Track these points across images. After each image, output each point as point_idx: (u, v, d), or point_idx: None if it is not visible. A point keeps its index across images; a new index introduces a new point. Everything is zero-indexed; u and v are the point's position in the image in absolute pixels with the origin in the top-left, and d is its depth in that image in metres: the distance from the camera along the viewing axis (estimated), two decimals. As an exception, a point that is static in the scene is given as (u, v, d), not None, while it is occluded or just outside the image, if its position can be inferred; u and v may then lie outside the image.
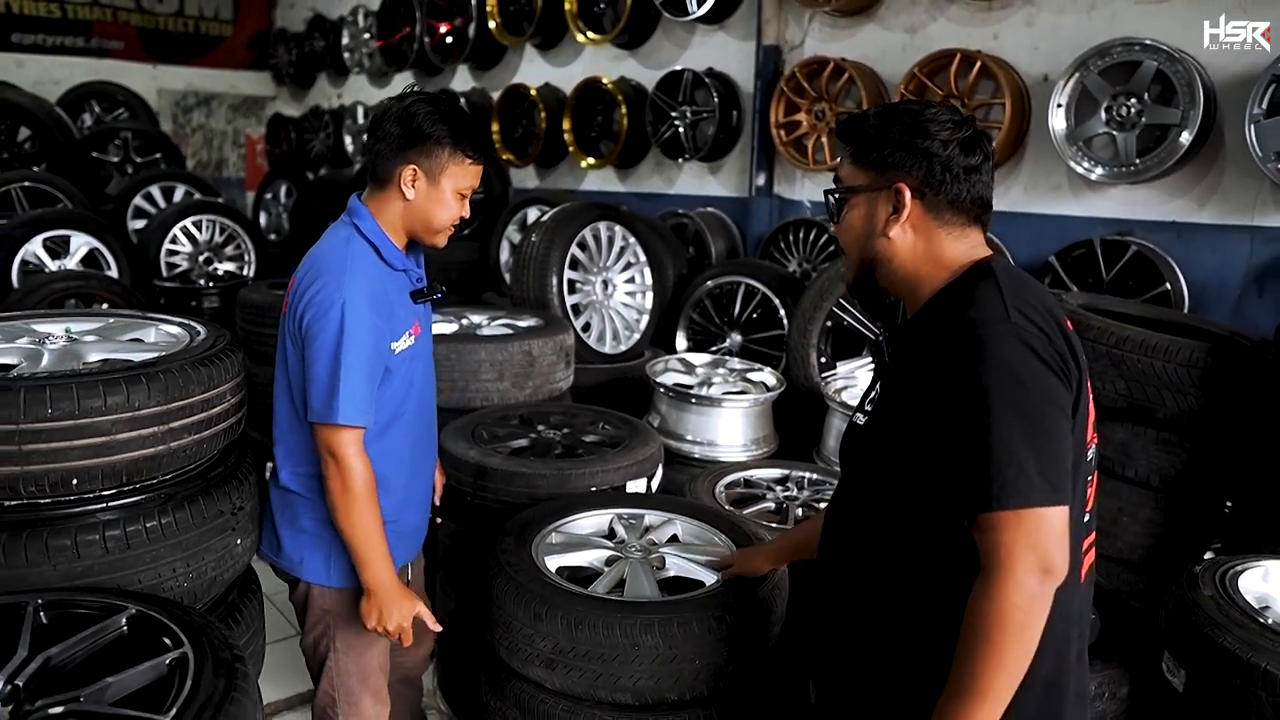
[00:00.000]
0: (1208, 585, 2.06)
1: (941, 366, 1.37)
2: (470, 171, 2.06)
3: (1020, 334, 1.32)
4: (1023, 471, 1.26)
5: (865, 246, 1.56)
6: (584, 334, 4.69)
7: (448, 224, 2.09)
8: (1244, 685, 1.80)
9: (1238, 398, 3.02)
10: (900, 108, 1.54)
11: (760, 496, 3.22)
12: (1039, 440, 1.28)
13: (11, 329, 2.31)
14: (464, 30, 7.78)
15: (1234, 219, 4.12)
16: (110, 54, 10.22)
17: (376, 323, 1.97)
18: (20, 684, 1.55)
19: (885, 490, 1.50)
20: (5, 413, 1.80)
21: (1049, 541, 1.26)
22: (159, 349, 2.23)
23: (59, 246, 5.82)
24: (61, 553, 1.88)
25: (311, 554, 2.14)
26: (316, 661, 2.20)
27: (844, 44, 5.50)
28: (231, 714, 1.49)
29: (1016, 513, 1.25)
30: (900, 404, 1.48)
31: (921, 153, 1.47)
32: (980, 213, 1.52)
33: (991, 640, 1.25)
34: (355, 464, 1.95)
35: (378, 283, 2.00)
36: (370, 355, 1.95)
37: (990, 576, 1.27)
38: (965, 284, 1.46)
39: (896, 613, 1.48)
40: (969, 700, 1.27)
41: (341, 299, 1.91)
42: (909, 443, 1.43)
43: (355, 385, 1.92)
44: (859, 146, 1.55)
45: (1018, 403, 1.29)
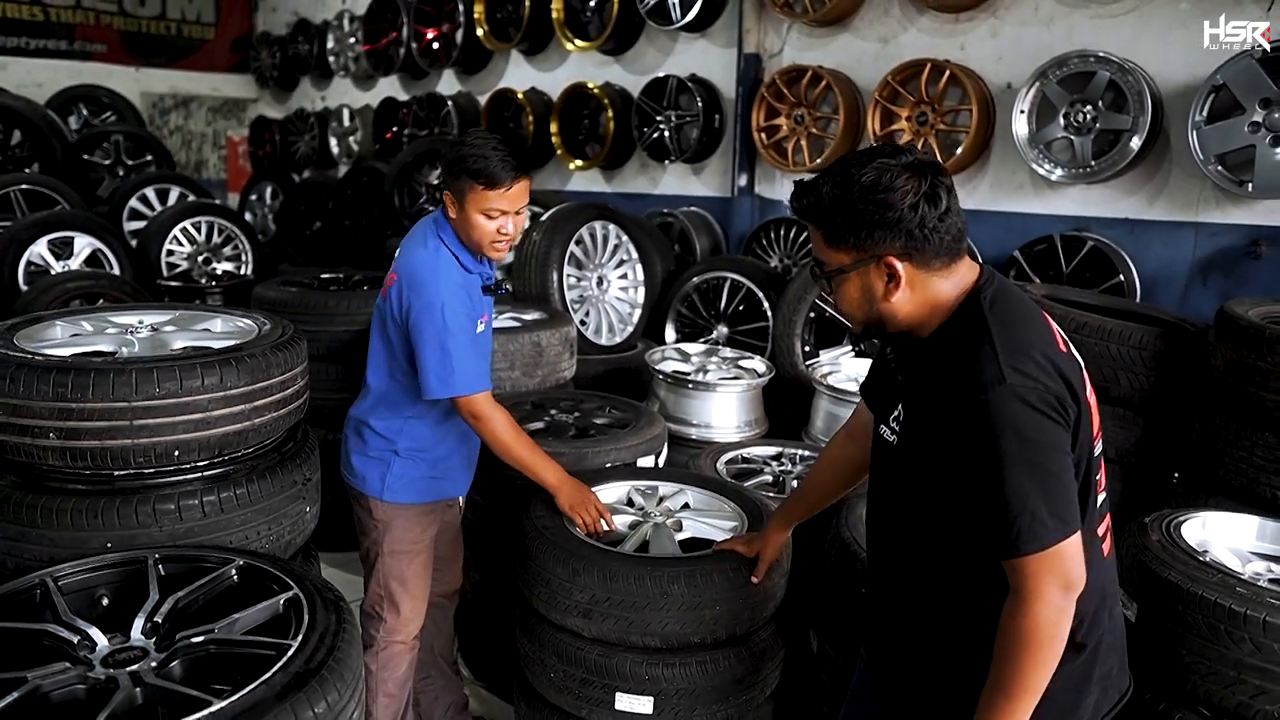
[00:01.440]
0: (1155, 532, 2.40)
1: (954, 429, 1.51)
2: (487, 196, 2.40)
3: (1017, 393, 1.45)
4: (1035, 518, 1.44)
5: (869, 313, 1.63)
6: (582, 326, 4.98)
7: (485, 241, 2.47)
8: (1184, 610, 2.13)
9: (1183, 377, 3.38)
10: (855, 178, 1.53)
11: (758, 471, 3.54)
12: (1047, 484, 1.45)
13: (95, 321, 2.55)
14: (451, 36, 8.00)
15: (1180, 216, 4.50)
16: (93, 57, 10.30)
17: (466, 315, 2.44)
18: (158, 620, 1.82)
19: (922, 510, 1.67)
20: (120, 391, 2.06)
21: (1067, 567, 1.46)
22: (234, 337, 2.50)
23: (61, 248, 5.99)
24: (167, 516, 2.15)
25: (372, 473, 2.59)
26: (368, 566, 2.66)
27: (821, 52, 5.83)
28: (344, 639, 1.76)
29: (1037, 555, 1.45)
30: (924, 442, 1.61)
31: (895, 224, 1.51)
32: (959, 245, 1.58)
33: (1029, 649, 1.47)
34: (494, 413, 2.47)
35: (462, 284, 2.46)
36: (470, 338, 2.45)
37: (1020, 600, 1.48)
38: (963, 331, 1.56)
39: (941, 604, 1.68)
40: (1011, 698, 1.49)
41: (441, 301, 2.39)
42: (937, 481, 1.59)
43: (467, 360, 2.41)
44: (829, 231, 1.58)
45: (1024, 456, 1.44)
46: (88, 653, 1.72)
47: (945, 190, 1.54)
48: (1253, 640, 2.03)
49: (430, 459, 2.62)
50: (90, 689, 1.63)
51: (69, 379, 2.05)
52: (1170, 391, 3.40)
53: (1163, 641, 2.20)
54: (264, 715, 1.48)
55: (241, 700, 1.50)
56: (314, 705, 1.55)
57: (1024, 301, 1.63)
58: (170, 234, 6.56)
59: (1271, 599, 2.09)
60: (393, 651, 2.68)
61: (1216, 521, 2.58)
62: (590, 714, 2.50)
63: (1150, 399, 3.43)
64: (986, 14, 5.09)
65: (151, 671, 1.67)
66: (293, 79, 10.68)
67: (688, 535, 2.73)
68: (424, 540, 2.67)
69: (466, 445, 2.74)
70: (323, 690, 1.58)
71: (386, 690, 2.69)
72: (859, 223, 1.53)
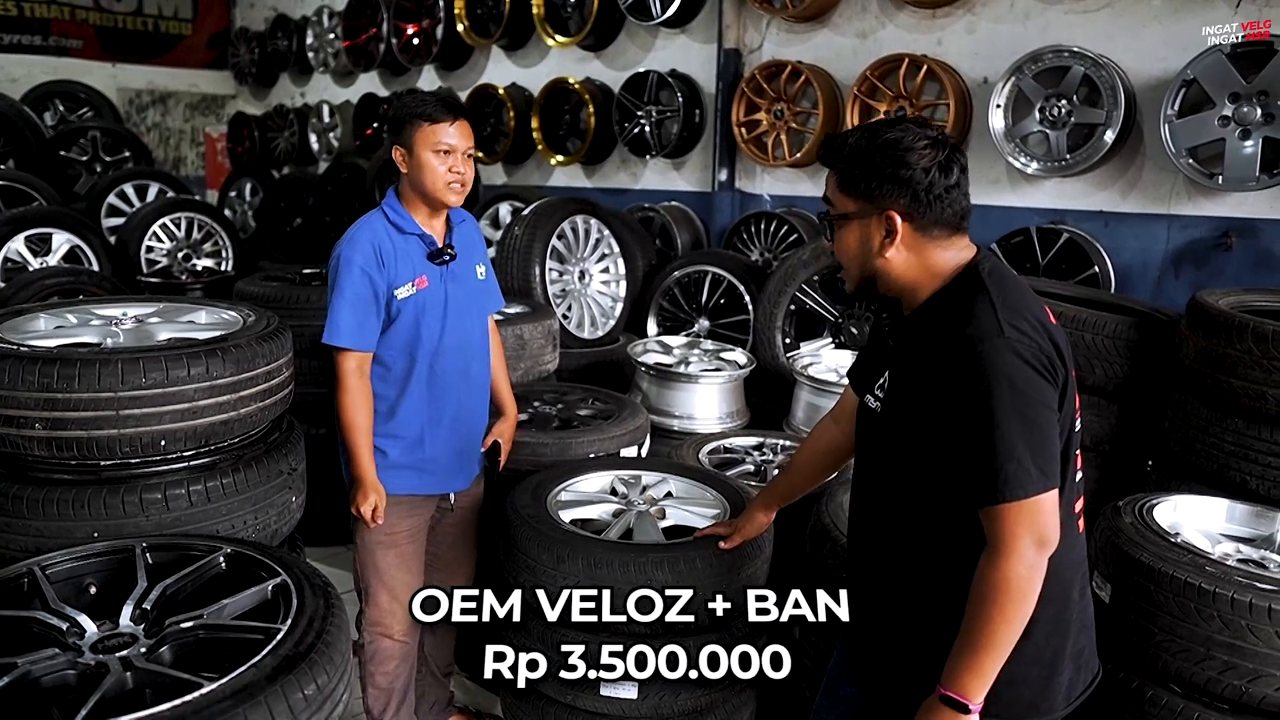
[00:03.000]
0: (1128, 514, 2.45)
1: (947, 377, 1.55)
2: (435, 129, 2.45)
3: (1013, 346, 1.50)
4: (1021, 466, 1.48)
5: (863, 264, 1.68)
6: (564, 320, 5.01)
7: (437, 183, 2.48)
8: (1156, 590, 2.19)
9: (1156, 366, 3.44)
10: (880, 134, 1.62)
11: (740, 460, 3.58)
12: (1034, 436, 1.50)
13: (79, 313, 2.56)
14: (431, 32, 7.98)
15: (1153, 208, 4.57)
16: (69, 52, 10.19)
17: (367, 270, 2.44)
18: (147, 607, 1.83)
19: (904, 472, 1.70)
20: (106, 382, 2.07)
21: (1044, 521, 1.50)
22: (219, 328, 2.51)
23: (39, 244, 5.95)
24: (153, 506, 2.17)
25: (345, 461, 2.58)
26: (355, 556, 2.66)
27: (800, 48, 5.87)
28: (332, 624, 1.78)
29: (1018, 503, 1.49)
30: (911, 400, 1.65)
31: (905, 181, 1.58)
32: (962, 221, 1.64)
33: (999, 604, 1.50)
34: (347, 380, 2.45)
35: (377, 240, 2.48)
36: (362, 294, 2.44)
37: (995, 553, 1.51)
38: (960, 292, 1.61)
39: (919, 571, 1.71)
40: (980, 651, 1.52)
41: (338, 253, 2.46)
42: (921, 436, 1.62)
43: (341, 313, 2.41)
44: (844, 175, 1.65)
45: (1015, 407, 1.49)
46: (77, 639, 1.74)
47: (959, 167, 1.62)
48: (1221, 617, 2.09)
49: (403, 446, 2.59)
50: (80, 674, 1.64)
51: (54, 370, 2.06)
52: (1144, 380, 3.47)
53: (1135, 620, 2.26)
54: (254, 697, 1.50)
55: (232, 682, 1.52)
56: (303, 687, 1.57)
57: (1019, 278, 1.70)
58: (150, 230, 6.54)
59: (1239, 578, 2.15)
60: (377, 645, 2.66)
61: (1187, 504, 2.65)
62: (576, 700, 2.53)
63: (1125, 387, 3.49)
64: (963, 9, 5.15)
65: (141, 656, 1.68)
66: (272, 75, 10.61)
67: (671, 523, 2.76)
68: (399, 533, 2.63)
69: (454, 439, 2.69)
70: (312, 673, 1.60)
71: (375, 683, 2.69)
72: (872, 172, 1.60)
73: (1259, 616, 2.05)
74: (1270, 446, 2.89)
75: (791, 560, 2.86)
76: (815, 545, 2.72)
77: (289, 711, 1.52)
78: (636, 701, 2.49)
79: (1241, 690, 2.10)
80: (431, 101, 2.48)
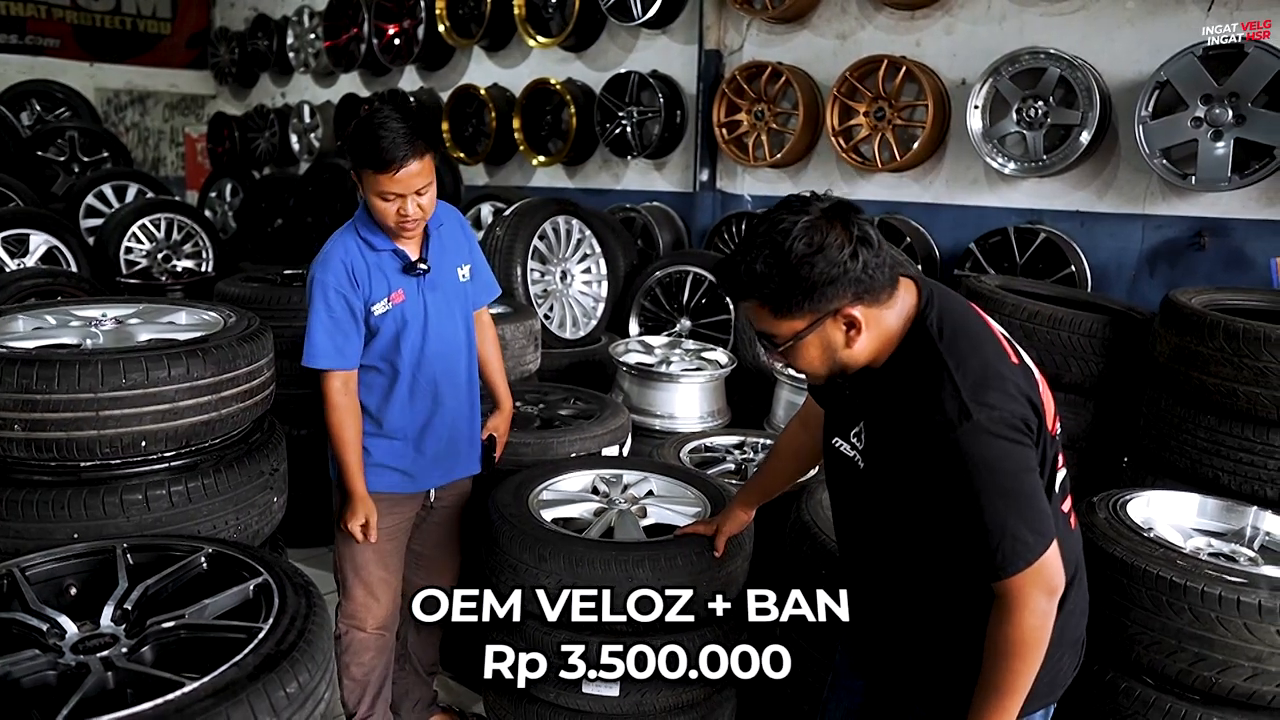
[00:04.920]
0: (1102, 510, 2.49)
1: (924, 464, 1.54)
2: (378, 180, 2.33)
3: (983, 427, 1.48)
4: (1016, 539, 1.49)
5: (831, 365, 1.61)
6: (546, 320, 5.02)
7: (385, 220, 2.42)
8: (1129, 584, 2.22)
9: (1131, 364, 3.49)
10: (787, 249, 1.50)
11: (721, 459, 3.60)
12: (1022, 507, 1.50)
13: (58, 315, 2.55)
14: (412, 32, 7.97)
15: (1128, 208, 4.63)
16: (45, 51, 10.11)
17: (341, 292, 2.42)
18: (128, 608, 1.83)
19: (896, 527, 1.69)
20: (86, 383, 2.07)
21: (1050, 575, 1.53)
22: (199, 329, 2.51)
23: (16, 245, 5.90)
24: (134, 506, 2.17)
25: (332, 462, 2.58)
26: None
27: (780, 49, 5.90)
28: (314, 623, 1.78)
29: (1021, 574, 1.50)
30: (892, 469, 1.63)
31: (842, 279, 1.50)
32: (896, 271, 1.59)
33: (1019, 655, 1.54)
34: (333, 399, 2.44)
35: (349, 259, 2.45)
36: (335, 314, 2.42)
37: (1008, 610, 1.53)
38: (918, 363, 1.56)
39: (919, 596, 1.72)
40: (1004, 698, 1.55)
41: (312, 274, 2.43)
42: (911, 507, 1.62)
43: (317, 336, 2.40)
44: (776, 304, 1.54)
45: (997, 486, 1.49)
46: (57, 640, 1.73)
47: (870, 226, 1.55)
48: (1192, 610, 2.13)
49: (388, 448, 2.59)
50: (61, 674, 1.64)
51: (34, 371, 2.06)
52: (1119, 377, 3.51)
53: (1109, 614, 2.29)
54: (236, 695, 1.51)
55: (213, 681, 1.52)
56: (285, 685, 1.58)
57: (967, 316, 1.64)
58: (129, 231, 6.48)
59: (1209, 571, 2.19)
60: (352, 637, 2.68)
61: (1160, 500, 2.69)
62: (558, 698, 2.54)
63: (1100, 385, 3.54)
64: (941, 11, 5.20)
65: (123, 656, 1.68)
66: (252, 75, 10.56)
67: (652, 521, 2.78)
68: (380, 530, 2.60)
69: (440, 441, 2.68)
70: (294, 671, 1.61)
71: (350, 674, 2.70)
72: (806, 288, 1.51)
73: (1228, 609, 2.09)
74: (1241, 442, 2.94)
75: (772, 557, 2.88)
76: (795, 542, 2.75)
77: (271, 710, 1.53)
78: (618, 699, 2.50)
79: (1211, 681, 2.13)
80: (385, 139, 2.29)
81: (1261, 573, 2.24)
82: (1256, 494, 2.88)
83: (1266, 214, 4.24)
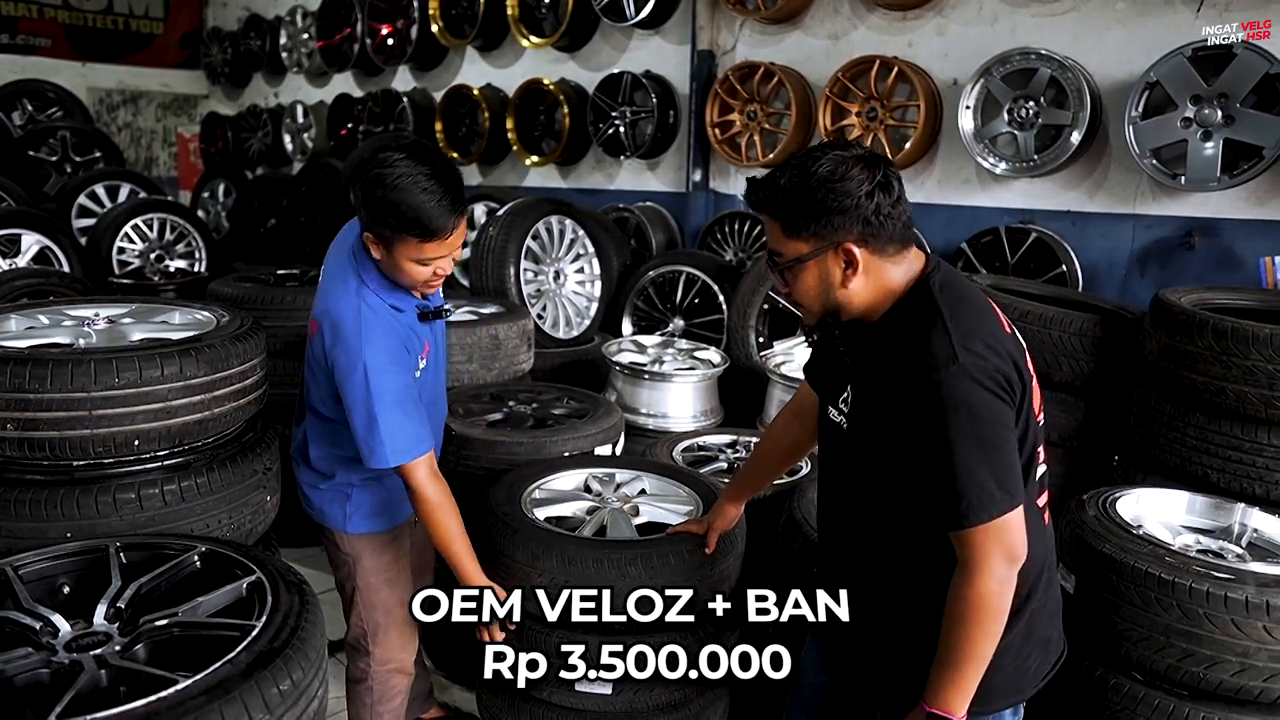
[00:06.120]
0: (1092, 508, 2.51)
1: (905, 405, 1.56)
2: (422, 248, 2.09)
3: (968, 371, 1.51)
4: (984, 490, 1.51)
5: (825, 300, 1.66)
6: (539, 320, 5.02)
7: (416, 283, 2.18)
8: (1119, 580, 2.24)
9: (1121, 363, 3.51)
10: (812, 170, 1.57)
11: (714, 458, 3.61)
12: (995, 459, 1.52)
13: (51, 314, 2.55)
14: (405, 32, 7.97)
15: (1119, 208, 4.66)
16: (37, 51, 10.08)
17: (397, 372, 2.17)
18: (121, 606, 1.84)
19: (873, 490, 1.73)
20: (79, 382, 2.07)
21: (1012, 538, 1.54)
22: (192, 328, 2.51)
23: (8, 245, 5.88)
24: (127, 505, 2.17)
25: (331, 506, 2.42)
26: (346, 599, 2.52)
27: (773, 49, 5.92)
28: (308, 622, 1.79)
29: (984, 525, 1.52)
30: (875, 423, 1.66)
31: (853, 211, 1.56)
32: (908, 232, 1.64)
33: (976, 620, 1.54)
34: (425, 489, 2.17)
35: (391, 332, 2.18)
36: (400, 398, 2.15)
37: (968, 572, 1.55)
38: (915, 313, 1.61)
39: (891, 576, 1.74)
40: (960, 666, 1.56)
41: (363, 361, 2.10)
42: (887, 459, 1.65)
43: (394, 429, 2.11)
44: (788, 220, 1.61)
45: (973, 432, 1.51)
46: (50, 638, 1.74)
47: (896, 180, 1.61)
48: (1180, 606, 2.15)
49: (391, 482, 2.41)
50: (54, 672, 1.65)
51: (26, 370, 2.06)
52: (1110, 376, 3.53)
53: (1099, 611, 2.31)
54: (230, 692, 1.51)
55: (207, 678, 1.53)
56: (279, 683, 1.59)
57: (970, 287, 1.69)
58: (121, 231, 6.47)
59: (1198, 568, 2.21)
60: (391, 683, 2.57)
61: (1150, 497, 2.71)
62: (551, 696, 2.55)
63: (1091, 384, 3.56)
64: (933, 12, 5.21)
65: (116, 654, 1.69)
66: (245, 75, 10.55)
67: (644, 520, 2.79)
68: (399, 564, 2.54)
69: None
70: (287, 668, 1.62)
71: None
72: (818, 211, 1.57)
73: (1215, 605, 2.11)
74: (1230, 440, 2.96)
75: (764, 555, 2.89)
76: (787, 539, 2.76)
77: (264, 707, 1.54)
78: (611, 697, 2.51)
79: (1199, 676, 2.15)
80: (429, 203, 2.02)
81: (1249, 569, 2.26)
82: (1244, 491, 2.90)
83: (1255, 214, 4.27)
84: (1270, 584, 2.15)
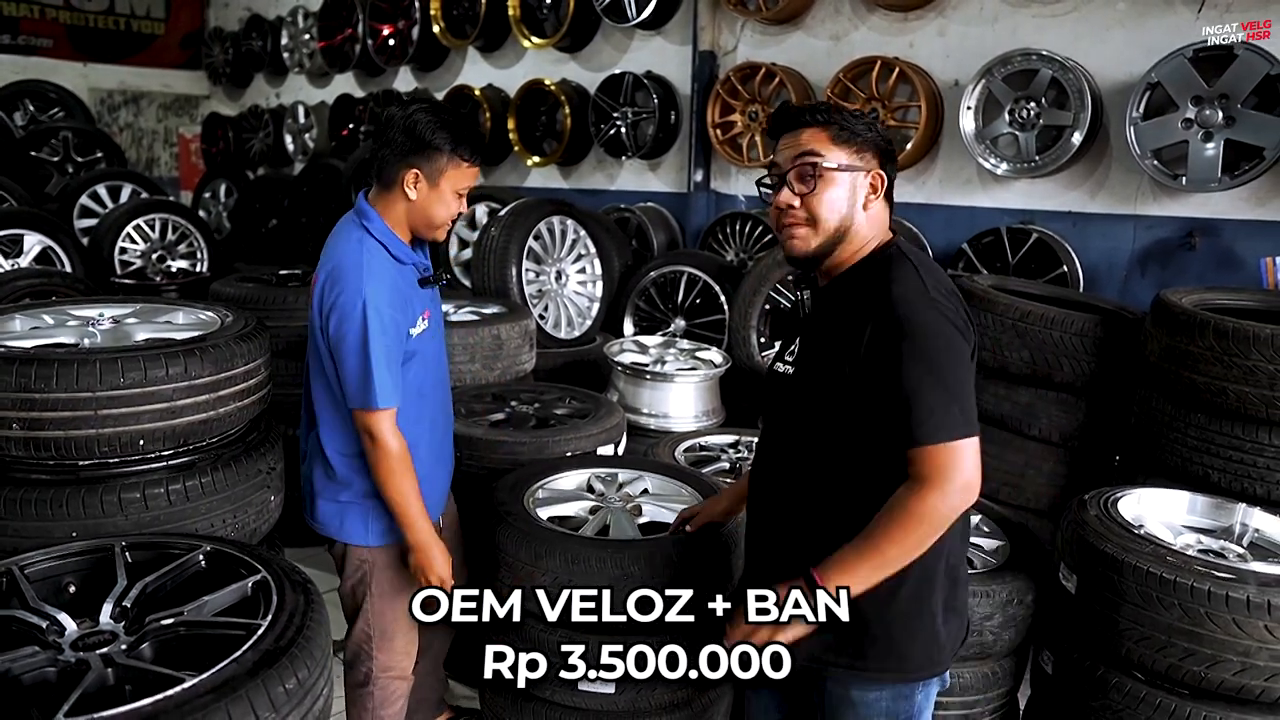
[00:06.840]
0: (1093, 507, 2.52)
1: (873, 331, 1.62)
2: (468, 173, 2.25)
3: (937, 306, 1.61)
4: (949, 411, 1.56)
5: (844, 217, 1.73)
6: (541, 321, 5.03)
7: (446, 220, 2.27)
8: (1120, 580, 2.25)
9: (1123, 363, 3.52)
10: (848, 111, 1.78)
11: (715, 458, 3.62)
12: (956, 387, 1.59)
13: (55, 314, 2.56)
14: (407, 33, 7.98)
15: (1120, 209, 4.66)
16: (38, 51, 10.09)
17: (395, 316, 2.18)
18: (127, 605, 1.85)
19: (814, 424, 1.75)
20: (84, 382, 2.08)
21: (970, 465, 1.57)
22: (196, 328, 2.52)
23: (10, 246, 5.89)
24: (132, 505, 2.17)
25: (352, 520, 2.35)
26: (353, 605, 2.47)
27: (774, 50, 5.93)
28: (313, 621, 1.80)
29: (946, 444, 1.55)
30: (829, 356, 1.71)
31: (884, 146, 1.75)
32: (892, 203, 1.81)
33: (908, 527, 1.57)
34: (391, 441, 2.18)
35: (391, 279, 2.19)
36: (392, 345, 2.17)
37: (923, 486, 1.56)
38: (883, 260, 1.72)
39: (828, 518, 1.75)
40: (864, 556, 1.59)
41: (362, 299, 2.11)
42: (839, 388, 1.68)
43: (383, 374, 2.13)
44: (840, 129, 1.72)
45: (940, 358, 1.58)
46: (57, 637, 1.74)
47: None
48: (1181, 606, 2.15)
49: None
50: (61, 671, 1.65)
51: (32, 370, 2.07)
52: (1111, 376, 3.54)
53: (1100, 610, 2.32)
54: (236, 691, 1.52)
55: (213, 677, 1.53)
56: (284, 681, 1.59)
57: (936, 266, 1.80)
58: (123, 231, 6.48)
59: (1199, 567, 2.21)
60: (392, 688, 2.53)
61: (1151, 497, 2.72)
62: (554, 695, 2.56)
63: (1092, 384, 3.56)
64: (934, 13, 5.22)
65: (122, 653, 1.69)
66: (246, 75, 10.56)
67: (647, 519, 2.80)
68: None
69: (444, 470, 2.58)
70: (293, 667, 1.62)
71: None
72: (869, 135, 1.74)
73: (1217, 604, 2.11)
74: (1231, 440, 2.97)
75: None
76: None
77: (270, 705, 1.54)
78: (614, 696, 2.52)
79: (1201, 675, 2.16)
80: (471, 135, 2.20)
81: (1250, 569, 2.27)
82: (1245, 491, 2.91)
83: (1256, 214, 4.28)
84: (1271, 584, 2.16)
